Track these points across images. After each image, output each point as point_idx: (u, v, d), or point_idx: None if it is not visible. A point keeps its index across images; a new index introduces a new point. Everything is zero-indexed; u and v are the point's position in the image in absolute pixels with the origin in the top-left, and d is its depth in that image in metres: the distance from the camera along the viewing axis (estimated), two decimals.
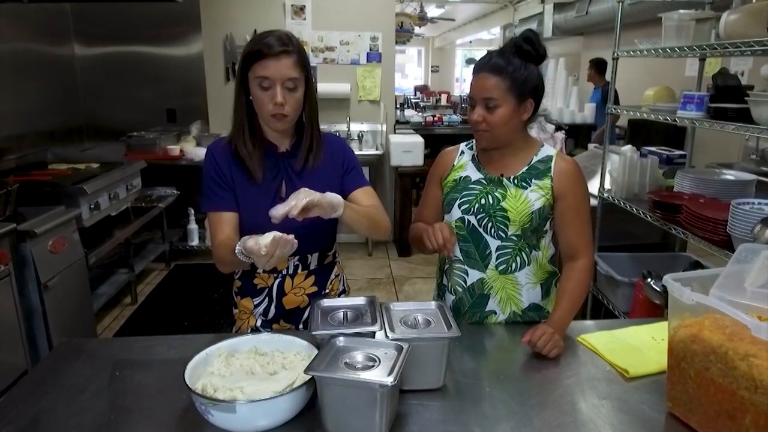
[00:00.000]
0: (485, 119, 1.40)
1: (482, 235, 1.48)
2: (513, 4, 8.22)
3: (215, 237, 1.42)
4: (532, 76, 1.40)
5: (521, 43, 1.38)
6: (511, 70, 1.37)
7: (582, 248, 1.47)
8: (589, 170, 3.23)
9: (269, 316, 1.54)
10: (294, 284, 1.52)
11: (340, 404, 0.99)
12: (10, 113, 3.38)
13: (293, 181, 1.46)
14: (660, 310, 2.20)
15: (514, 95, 1.38)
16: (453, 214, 1.51)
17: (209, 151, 1.48)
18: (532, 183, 1.46)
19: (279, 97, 1.33)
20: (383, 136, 4.82)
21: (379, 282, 4.20)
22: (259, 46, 1.32)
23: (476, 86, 1.41)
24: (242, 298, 1.56)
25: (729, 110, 2.04)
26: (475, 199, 1.48)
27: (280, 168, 1.46)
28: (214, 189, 1.44)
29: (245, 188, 1.44)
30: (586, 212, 1.49)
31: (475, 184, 1.50)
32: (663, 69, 4.63)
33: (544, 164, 1.47)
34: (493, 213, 1.46)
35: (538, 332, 1.31)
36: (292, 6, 4.58)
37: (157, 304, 3.73)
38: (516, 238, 1.47)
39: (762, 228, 1.69)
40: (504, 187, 1.47)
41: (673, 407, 1.09)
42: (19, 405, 1.12)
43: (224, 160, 1.45)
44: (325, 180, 1.48)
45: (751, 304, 0.94)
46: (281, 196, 1.45)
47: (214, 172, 1.44)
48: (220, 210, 1.43)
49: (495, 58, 1.39)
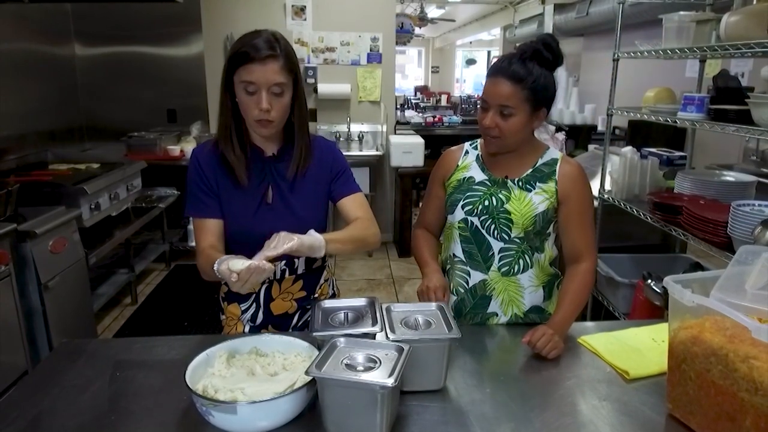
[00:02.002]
0: (498, 125, 1.38)
1: (485, 236, 1.48)
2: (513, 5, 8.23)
3: (198, 244, 1.39)
4: (550, 86, 1.38)
5: (542, 50, 1.36)
6: (531, 81, 1.34)
7: (585, 251, 1.47)
8: (590, 171, 3.22)
9: (257, 322, 1.52)
10: (282, 289, 1.50)
11: (341, 405, 0.99)
12: (11, 113, 3.38)
13: (280, 186, 1.43)
14: (660, 312, 2.20)
15: (531, 105, 1.37)
16: (456, 215, 1.50)
17: (194, 155, 1.44)
18: (536, 186, 1.46)
19: (264, 103, 1.28)
20: (383, 136, 4.82)
21: (379, 283, 4.20)
22: (246, 48, 1.27)
23: (492, 91, 1.38)
24: (229, 303, 1.53)
25: (729, 112, 2.04)
26: (479, 201, 1.47)
27: (266, 173, 1.43)
28: (198, 195, 1.41)
29: (231, 193, 1.41)
30: (590, 215, 1.49)
31: (479, 185, 1.50)
32: (663, 70, 4.63)
33: (548, 167, 1.47)
34: (496, 215, 1.45)
35: (538, 333, 1.31)
36: (292, 6, 4.58)
37: (157, 305, 3.73)
38: (519, 240, 1.47)
39: (762, 230, 1.69)
40: (508, 189, 1.47)
41: (673, 409, 1.09)
42: (20, 405, 1.12)
43: (209, 165, 1.41)
44: (314, 186, 1.46)
45: (751, 306, 0.94)
46: (267, 201, 1.42)
47: (198, 177, 1.41)
48: (204, 216, 1.40)
49: (515, 65, 1.36)
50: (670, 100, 2.78)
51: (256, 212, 1.41)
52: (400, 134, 5.01)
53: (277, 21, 4.57)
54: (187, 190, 1.44)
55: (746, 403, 0.91)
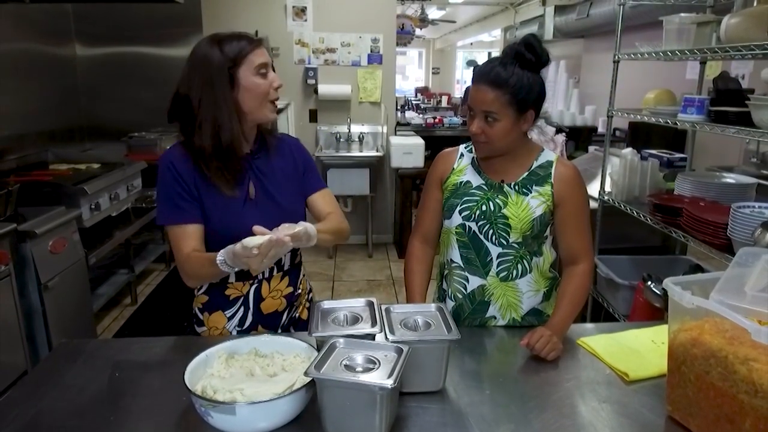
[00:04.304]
0: (484, 131, 1.37)
1: (483, 242, 1.47)
2: (514, 6, 8.23)
3: (181, 251, 1.35)
4: (534, 88, 1.35)
5: (523, 51, 1.33)
6: (513, 84, 1.32)
7: (582, 253, 1.47)
8: (590, 173, 3.23)
9: (245, 325, 1.49)
10: (271, 288, 1.49)
11: (340, 406, 0.99)
12: (11, 113, 3.38)
13: (261, 181, 1.44)
14: (660, 313, 2.20)
15: (515, 109, 1.35)
16: (453, 220, 1.50)
17: (166, 161, 1.38)
18: (532, 189, 1.45)
19: (278, 79, 1.38)
20: (384, 137, 4.82)
21: (379, 284, 4.20)
22: (244, 38, 1.35)
23: (475, 98, 1.37)
24: (211, 313, 1.48)
25: (730, 114, 2.04)
26: (476, 206, 1.47)
27: (245, 169, 1.42)
28: (175, 201, 1.36)
29: (212, 194, 1.38)
30: (586, 217, 1.48)
31: (476, 189, 1.48)
32: (664, 72, 4.63)
33: (544, 170, 1.46)
34: (494, 220, 1.45)
35: (536, 335, 1.31)
36: (293, 7, 4.58)
37: (157, 305, 3.73)
38: (517, 245, 1.46)
39: (762, 232, 1.69)
40: (505, 194, 1.46)
41: (672, 411, 1.09)
42: (19, 405, 1.12)
43: (186, 169, 1.37)
44: (289, 180, 1.49)
45: (751, 308, 0.94)
46: (250, 198, 1.42)
47: (176, 182, 1.36)
48: (184, 222, 1.36)
49: (496, 69, 1.34)
50: (671, 102, 2.78)
51: (242, 208, 1.41)
52: (401, 135, 5.01)
53: (278, 22, 4.58)
54: (159, 198, 1.38)
55: (746, 405, 0.91)
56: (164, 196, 1.38)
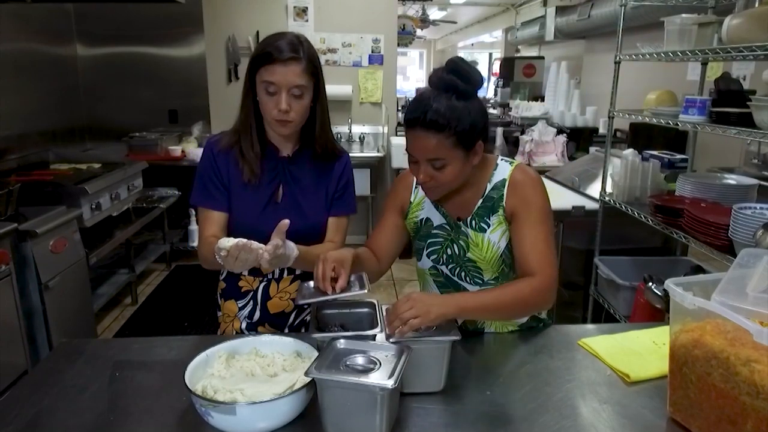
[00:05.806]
0: (434, 178, 1.25)
1: (459, 282, 1.41)
2: (515, 7, 8.24)
3: (202, 233, 1.43)
4: (477, 118, 1.22)
5: (455, 81, 1.19)
6: (454, 123, 1.18)
7: (538, 269, 1.25)
8: (591, 174, 3.23)
9: (254, 319, 1.53)
10: (279, 288, 1.51)
11: (341, 407, 0.99)
12: (12, 113, 3.38)
13: (291, 187, 1.45)
14: (661, 315, 2.20)
15: (462, 148, 1.22)
16: (424, 263, 1.43)
17: (209, 146, 1.45)
18: (490, 221, 1.34)
19: (283, 104, 1.30)
20: (384, 138, 4.82)
21: (379, 284, 4.20)
22: (269, 49, 1.29)
23: (415, 146, 1.23)
24: (226, 300, 1.55)
25: (731, 115, 2.04)
26: (442, 249, 1.40)
27: (278, 172, 1.45)
28: (207, 186, 1.42)
29: (240, 189, 1.43)
30: (543, 227, 1.30)
31: (438, 229, 1.40)
32: (665, 73, 4.63)
33: (497, 191, 1.34)
34: (462, 264, 1.38)
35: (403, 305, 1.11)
36: (294, 8, 4.58)
37: (157, 305, 3.73)
38: (494, 280, 1.38)
39: (764, 233, 1.68)
40: (465, 234, 1.36)
41: (674, 412, 1.09)
42: (19, 405, 1.12)
43: (223, 158, 1.43)
44: (322, 194, 1.47)
45: (753, 309, 0.93)
46: (276, 200, 1.44)
47: (211, 169, 1.43)
48: (211, 208, 1.42)
49: (430, 112, 1.18)
50: (672, 103, 2.78)
51: (264, 209, 1.43)
52: (402, 136, 5.01)
53: (279, 22, 4.58)
54: (196, 178, 1.44)
55: (747, 406, 0.91)
56: (200, 178, 1.44)
